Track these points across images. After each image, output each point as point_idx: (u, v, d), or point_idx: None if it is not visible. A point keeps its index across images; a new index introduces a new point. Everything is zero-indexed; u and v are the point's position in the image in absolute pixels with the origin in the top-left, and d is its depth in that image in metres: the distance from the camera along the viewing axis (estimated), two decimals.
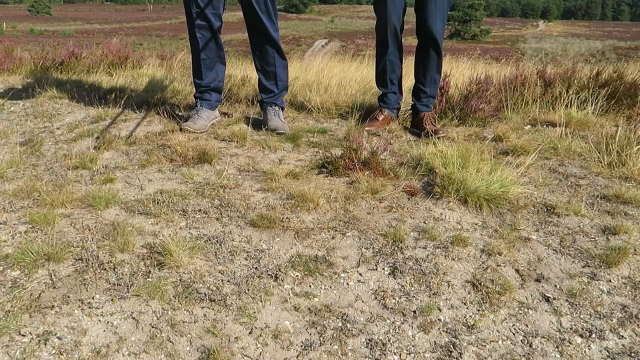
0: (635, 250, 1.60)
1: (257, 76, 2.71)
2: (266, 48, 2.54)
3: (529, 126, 2.81)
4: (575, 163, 2.27)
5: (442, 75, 2.86)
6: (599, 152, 2.29)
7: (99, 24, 66.46)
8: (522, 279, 1.47)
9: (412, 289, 1.42)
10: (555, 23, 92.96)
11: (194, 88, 2.78)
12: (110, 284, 1.38)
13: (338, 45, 45.54)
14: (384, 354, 1.19)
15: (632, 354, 1.21)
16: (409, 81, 3.33)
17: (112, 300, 1.31)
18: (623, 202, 1.91)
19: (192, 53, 2.60)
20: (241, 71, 4.69)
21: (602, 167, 2.21)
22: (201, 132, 2.51)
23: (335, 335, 1.24)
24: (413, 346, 1.22)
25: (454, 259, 1.55)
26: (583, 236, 1.69)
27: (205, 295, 1.35)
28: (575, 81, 3.20)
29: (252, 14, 2.45)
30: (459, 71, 4.82)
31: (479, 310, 1.34)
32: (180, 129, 2.48)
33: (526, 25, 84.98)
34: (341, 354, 1.18)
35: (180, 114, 2.85)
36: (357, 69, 5.07)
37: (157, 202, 1.80)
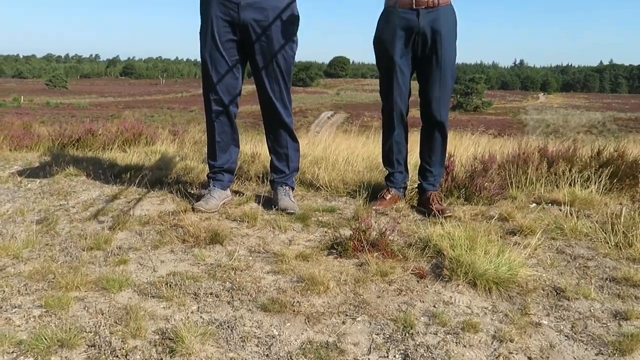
0: None
1: (269, 156, 2.81)
2: (279, 131, 2.67)
3: (534, 204, 2.86)
4: (582, 244, 2.29)
5: (447, 154, 2.95)
6: (605, 233, 2.32)
7: (113, 97, 69.00)
8: None
9: None
10: (555, 95, 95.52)
11: (205, 166, 2.88)
12: None
13: (343, 117, 46.82)
14: None
15: None
16: (414, 157, 3.43)
17: None
18: (633, 285, 1.91)
19: (208, 135, 2.72)
20: (251, 147, 4.82)
21: (609, 248, 2.23)
22: (213, 212, 2.57)
23: None
24: None
25: (465, 346, 1.54)
26: (594, 321, 1.68)
27: None
28: (577, 159, 3.28)
29: (268, 100, 2.60)
30: (463, 147, 4.95)
31: None
32: (193, 209, 2.54)
33: (527, 97, 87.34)
34: None
35: (192, 192, 2.93)
36: (363, 145, 5.21)
37: (170, 285, 1.83)
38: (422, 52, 2.61)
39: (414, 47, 2.61)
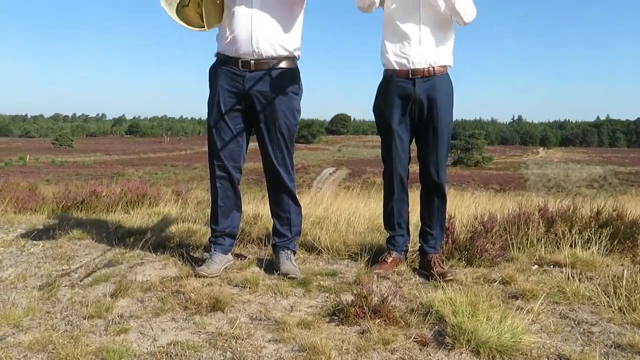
0: None
1: (272, 220, 2.85)
2: (282, 196, 2.73)
3: (535, 266, 2.86)
4: (585, 308, 2.28)
5: (448, 216, 2.98)
6: (608, 296, 2.31)
7: (118, 155, 69.97)
8: None
9: None
10: (554, 150, 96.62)
11: (208, 228, 2.91)
12: None
13: (345, 173, 47.17)
14: None
15: None
16: (415, 216, 3.46)
17: None
18: (638, 352, 1.89)
19: (211, 199, 2.77)
20: (253, 207, 4.86)
21: (613, 312, 2.21)
22: (215, 277, 2.58)
23: None
24: None
25: None
26: None
27: None
28: (577, 220, 3.30)
29: (271, 167, 2.67)
30: (464, 206, 4.98)
31: None
32: (195, 274, 2.55)
33: (527, 152, 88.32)
34: None
35: (195, 255, 2.95)
36: (365, 205, 5.25)
37: (170, 356, 1.81)
38: (420, 119, 2.70)
39: (411, 114, 2.71)
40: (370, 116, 2.97)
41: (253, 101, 2.57)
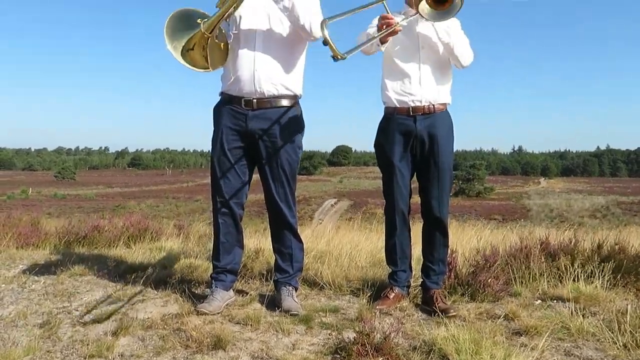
0: None
1: (274, 256, 2.85)
2: (284, 232, 2.74)
3: (539, 301, 2.84)
4: (590, 345, 2.25)
5: (450, 250, 2.99)
6: (613, 332, 2.28)
7: (120, 188, 70.17)
8: None
9: None
10: (556, 180, 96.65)
11: (209, 263, 2.91)
12: None
13: (347, 204, 47.11)
14: None
15: None
16: (417, 250, 3.45)
17: None
18: None
19: (213, 235, 2.79)
20: (255, 241, 4.86)
21: (618, 348, 2.19)
22: (216, 314, 2.57)
23: None
24: None
25: None
26: None
27: None
28: (579, 253, 3.29)
29: (273, 203, 2.70)
30: (465, 239, 4.97)
31: None
32: (197, 312, 2.54)
33: (528, 182, 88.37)
34: None
35: (196, 292, 2.94)
36: (366, 238, 5.25)
37: None
38: (421, 155, 2.75)
39: (412, 150, 2.75)
40: (371, 147, 3.01)
41: (255, 138, 2.62)
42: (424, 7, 2.51)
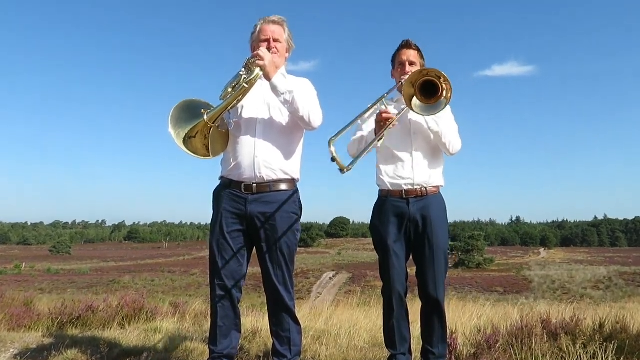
0: None
1: (272, 339, 2.80)
2: (282, 315, 2.72)
3: None
4: None
5: (450, 330, 2.95)
6: None
7: (115, 262, 69.23)
8: None
9: None
10: (556, 250, 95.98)
11: (206, 346, 2.85)
12: None
13: (346, 277, 46.32)
14: None
15: None
16: (417, 329, 3.40)
17: None
18: None
19: (211, 319, 2.76)
20: (252, 320, 4.78)
21: None
22: None
23: None
24: None
25: None
26: None
27: None
28: (580, 332, 3.25)
29: (271, 285, 2.70)
30: (466, 317, 4.90)
31: None
32: None
33: (528, 253, 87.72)
34: None
35: None
36: (366, 316, 5.16)
37: None
38: (415, 237, 2.79)
39: (406, 232, 2.80)
40: (369, 218, 3.04)
41: (254, 222, 2.66)
42: (415, 102, 2.66)
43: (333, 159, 2.33)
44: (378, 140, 2.67)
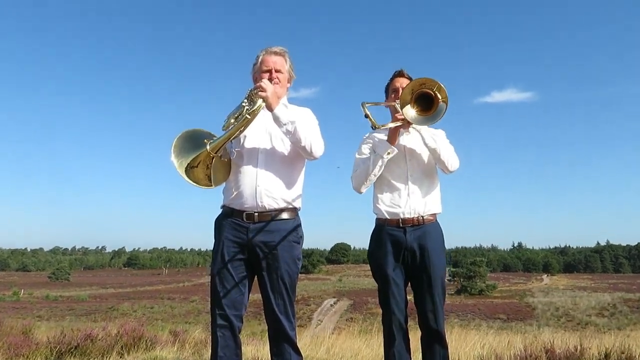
0: None
1: None
2: (283, 345, 2.69)
3: None
4: None
5: None
6: None
7: (114, 289, 68.56)
8: None
9: None
10: (559, 276, 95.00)
11: None
12: None
13: (347, 304, 45.80)
14: None
15: None
16: (418, 358, 3.35)
17: None
18: None
19: (211, 348, 2.73)
20: (252, 350, 4.73)
21: None
22: None
23: None
24: None
25: None
26: None
27: None
28: None
29: (272, 314, 2.69)
30: (469, 346, 4.84)
31: None
32: None
33: (531, 279, 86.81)
34: None
35: None
36: (367, 345, 5.10)
37: None
38: (412, 265, 2.80)
39: (404, 261, 2.80)
40: None
41: (256, 250, 2.66)
42: (411, 114, 2.68)
43: (366, 116, 2.60)
44: (390, 153, 2.75)
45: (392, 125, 2.75)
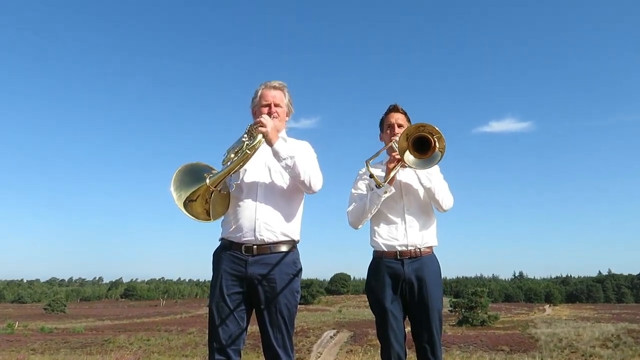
0: None
1: None
2: None
3: None
4: None
5: None
6: None
7: (110, 320, 67.56)
8: None
9: None
10: (561, 307, 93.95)
11: None
12: None
13: (347, 336, 45.05)
14: None
15: None
16: None
17: None
18: None
19: None
20: None
21: None
22: None
23: None
24: None
25: None
26: None
27: None
28: None
29: (271, 348, 2.67)
30: None
31: None
32: None
33: (533, 309, 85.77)
34: None
35: None
36: None
37: None
38: (410, 298, 2.81)
39: (402, 293, 2.80)
40: None
41: (254, 283, 2.65)
42: (409, 157, 2.71)
43: (371, 175, 2.68)
44: (387, 191, 2.75)
45: (392, 172, 2.79)
